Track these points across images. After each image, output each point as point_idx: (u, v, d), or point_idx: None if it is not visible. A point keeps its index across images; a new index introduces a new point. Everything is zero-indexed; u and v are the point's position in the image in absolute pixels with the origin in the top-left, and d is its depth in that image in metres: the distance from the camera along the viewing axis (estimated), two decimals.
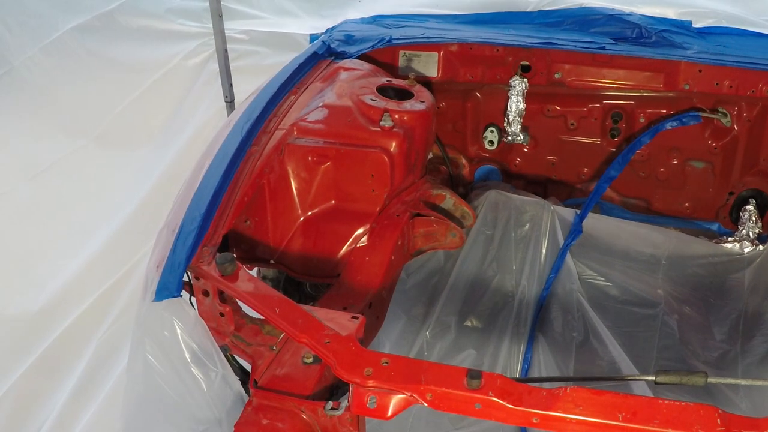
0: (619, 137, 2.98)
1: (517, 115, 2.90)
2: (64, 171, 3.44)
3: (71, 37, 3.52)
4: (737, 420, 1.44)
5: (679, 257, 2.84)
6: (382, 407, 1.53)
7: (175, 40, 3.89)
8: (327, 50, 2.81)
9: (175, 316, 1.72)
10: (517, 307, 2.73)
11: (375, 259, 2.22)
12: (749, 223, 2.85)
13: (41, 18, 3.46)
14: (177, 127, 3.82)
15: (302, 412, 1.66)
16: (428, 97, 2.51)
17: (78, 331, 3.11)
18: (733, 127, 2.85)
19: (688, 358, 2.62)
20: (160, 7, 3.83)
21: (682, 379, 1.75)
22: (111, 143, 3.60)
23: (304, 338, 1.64)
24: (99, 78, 3.67)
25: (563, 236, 2.78)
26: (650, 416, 1.43)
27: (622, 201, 3.13)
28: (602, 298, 2.77)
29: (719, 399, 2.42)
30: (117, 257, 3.34)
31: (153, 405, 1.73)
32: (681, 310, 2.75)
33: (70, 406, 2.89)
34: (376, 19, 3.25)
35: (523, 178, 3.18)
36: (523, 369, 2.58)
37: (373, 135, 2.30)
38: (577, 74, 2.84)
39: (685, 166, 2.99)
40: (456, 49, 2.87)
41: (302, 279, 2.45)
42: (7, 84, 3.37)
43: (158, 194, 3.47)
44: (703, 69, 2.70)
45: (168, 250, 1.84)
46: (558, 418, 1.46)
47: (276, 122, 2.33)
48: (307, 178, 2.30)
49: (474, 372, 1.50)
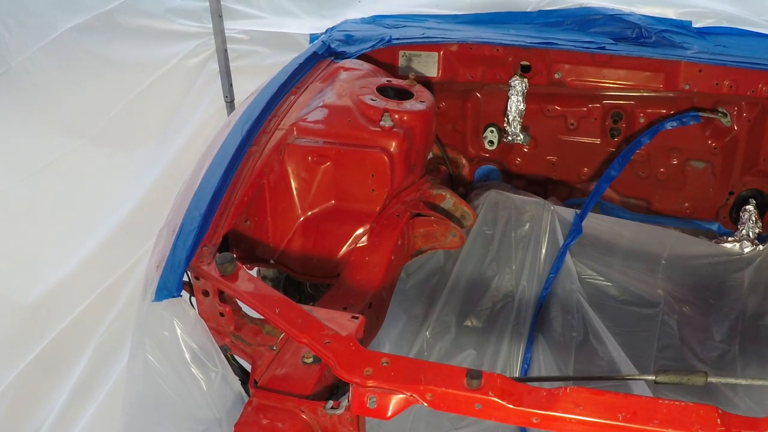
0: (619, 137, 2.98)
1: (517, 115, 2.90)
2: (61, 170, 3.43)
3: (70, 37, 3.51)
4: (737, 420, 1.44)
5: (679, 257, 2.83)
6: (382, 407, 1.53)
7: (175, 40, 3.89)
8: (327, 50, 2.81)
9: (175, 316, 1.72)
10: (516, 307, 2.73)
11: (375, 259, 2.22)
12: (749, 223, 2.85)
13: (40, 18, 3.46)
14: (175, 127, 3.81)
15: (302, 412, 1.66)
16: (428, 97, 2.51)
17: (77, 331, 3.11)
18: (733, 127, 2.85)
19: (687, 358, 2.62)
20: (160, 6, 3.82)
21: (682, 379, 1.75)
22: (108, 143, 3.59)
23: (304, 338, 1.64)
24: (98, 78, 3.66)
25: (563, 236, 2.78)
26: (650, 416, 1.43)
27: (622, 201, 3.13)
28: (602, 298, 2.77)
29: (719, 399, 2.42)
30: (115, 257, 3.34)
31: (153, 405, 1.73)
32: (681, 310, 2.75)
33: (69, 406, 2.89)
34: (376, 19, 3.24)
35: (523, 178, 3.18)
36: (523, 369, 2.58)
37: (373, 135, 2.30)
38: (577, 74, 2.84)
39: (685, 166, 2.99)
40: (456, 49, 2.87)
41: (302, 279, 2.45)
42: (5, 84, 3.37)
43: (156, 194, 3.46)
44: (703, 69, 2.70)
45: (168, 250, 1.85)
46: (558, 418, 1.46)
47: (276, 122, 2.33)
48: (307, 178, 2.30)
49: (474, 372, 1.50)
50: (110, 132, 3.62)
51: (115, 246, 3.37)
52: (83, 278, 3.25)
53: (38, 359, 2.99)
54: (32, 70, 3.44)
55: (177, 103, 3.89)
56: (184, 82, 3.92)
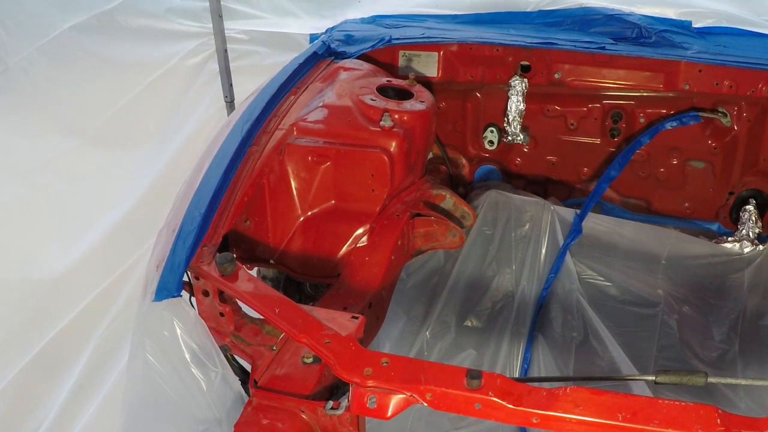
0: (619, 137, 2.98)
1: (517, 115, 2.90)
2: (59, 170, 3.42)
3: (69, 37, 3.51)
4: (737, 420, 1.44)
5: (679, 257, 2.83)
6: (382, 407, 1.53)
7: (175, 39, 3.88)
8: (327, 50, 2.81)
9: (175, 316, 1.72)
10: (516, 307, 2.73)
11: (375, 259, 2.22)
12: (749, 223, 2.85)
13: (39, 17, 3.45)
14: (174, 126, 3.80)
15: (302, 412, 1.66)
16: (428, 97, 2.51)
17: (77, 330, 3.11)
18: (733, 127, 2.85)
19: (687, 358, 2.62)
20: (160, 6, 3.82)
21: (682, 379, 1.75)
22: (106, 143, 3.58)
23: (304, 338, 1.64)
24: (96, 78, 3.65)
25: (563, 236, 2.78)
26: (650, 416, 1.43)
27: (622, 201, 3.13)
28: (602, 298, 2.77)
29: (719, 399, 2.42)
30: (115, 257, 3.34)
31: (153, 405, 1.73)
32: (681, 310, 2.75)
33: (69, 406, 2.89)
34: (376, 19, 3.24)
35: (523, 178, 3.18)
36: (523, 369, 2.58)
37: (373, 135, 2.30)
38: (577, 74, 2.84)
39: (685, 166, 2.99)
40: (456, 49, 2.87)
41: (302, 279, 2.45)
42: (3, 83, 3.36)
43: (153, 193, 3.46)
44: (703, 69, 2.70)
45: (168, 250, 1.85)
46: (558, 418, 1.46)
47: (276, 122, 2.33)
48: (307, 178, 2.30)
49: (474, 372, 1.50)
50: (108, 132, 3.61)
51: (114, 245, 3.37)
52: (83, 278, 3.25)
53: (38, 358, 2.99)
54: (30, 69, 3.43)
55: (176, 103, 3.89)
56: (184, 81, 3.92)
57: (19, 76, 3.40)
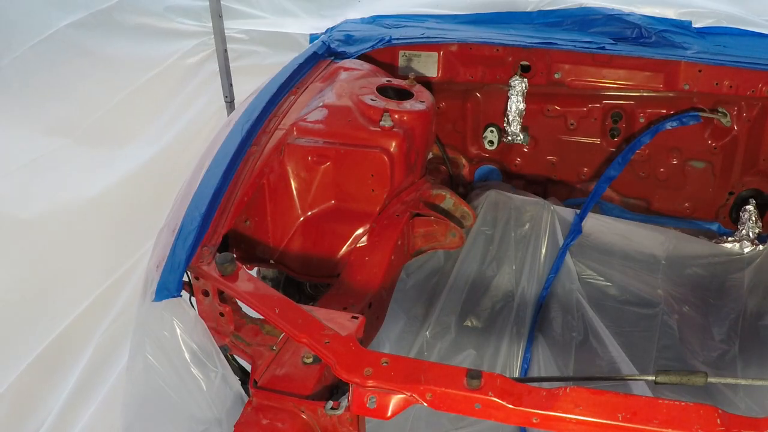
0: (619, 137, 2.98)
1: (517, 115, 2.90)
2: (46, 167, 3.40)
3: (66, 35, 3.49)
4: (737, 420, 1.44)
5: (679, 257, 2.83)
6: (382, 407, 1.53)
7: (173, 38, 3.87)
8: (327, 50, 2.81)
9: (174, 316, 1.72)
10: (516, 307, 2.73)
11: (375, 259, 2.22)
12: (749, 223, 2.85)
13: (36, 15, 3.44)
14: (162, 126, 3.77)
15: (302, 412, 1.66)
16: (428, 97, 2.51)
17: (77, 331, 3.11)
18: (733, 127, 2.85)
19: (687, 358, 2.61)
20: (159, 5, 3.82)
21: (682, 379, 1.74)
22: (95, 141, 3.56)
23: (304, 338, 1.64)
24: (92, 76, 3.63)
25: (563, 236, 2.77)
26: (650, 416, 1.43)
27: (622, 201, 3.13)
28: (602, 298, 2.76)
29: (719, 399, 2.42)
30: (115, 257, 3.33)
31: (153, 405, 1.73)
32: (681, 310, 2.75)
33: (69, 406, 2.89)
34: (376, 19, 3.24)
35: (523, 178, 3.18)
36: (523, 369, 2.58)
37: (373, 135, 2.30)
38: (576, 74, 2.84)
39: (685, 166, 2.99)
40: (456, 49, 2.87)
41: (302, 279, 2.45)
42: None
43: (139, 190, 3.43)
44: (703, 69, 2.71)
45: (168, 250, 1.84)
46: (558, 418, 1.46)
47: (276, 122, 2.33)
48: (307, 178, 2.30)
49: (474, 372, 1.50)
50: (95, 131, 3.58)
51: (113, 245, 3.36)
52: (83, 278, 3.25)
53: (38, 359, 2.99)
54: (25, 67, 3.42)
55: (168, 102, 3.86)
56: (180, 81, 3.91)
57: (13, 73, 3.38)
